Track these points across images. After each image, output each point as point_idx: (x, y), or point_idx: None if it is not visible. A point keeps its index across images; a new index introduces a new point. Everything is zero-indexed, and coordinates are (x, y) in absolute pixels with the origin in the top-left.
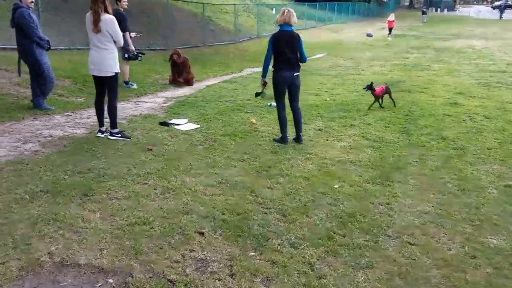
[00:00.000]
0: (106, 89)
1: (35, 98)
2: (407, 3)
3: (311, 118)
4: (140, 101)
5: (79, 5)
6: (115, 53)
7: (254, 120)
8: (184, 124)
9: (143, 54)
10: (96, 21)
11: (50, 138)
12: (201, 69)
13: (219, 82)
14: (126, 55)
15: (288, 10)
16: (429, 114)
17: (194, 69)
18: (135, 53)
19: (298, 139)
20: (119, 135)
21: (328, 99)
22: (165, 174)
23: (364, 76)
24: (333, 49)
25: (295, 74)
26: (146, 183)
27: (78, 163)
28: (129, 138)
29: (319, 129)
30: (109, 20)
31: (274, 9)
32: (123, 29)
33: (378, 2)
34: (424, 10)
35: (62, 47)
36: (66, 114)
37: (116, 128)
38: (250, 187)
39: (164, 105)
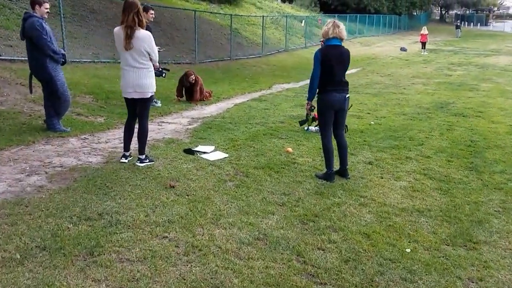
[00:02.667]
0: (139, 111)
1: (48, 118)
2: (437, 17)
3: (357, 147)
4: (163, 122)
5: (107, 16)
6: (153, 70)
7: (290, 149)
8: (211, 153)
9: (168, 70)
10: (130, 37)
11: (59, 169)
12: (228, 85)
13: (247, 101)
14: None
15: (338, 22)
16: (495, 146)
17: (221, 85)
18: (160, 69)
19: (344, 174)
20: (147, 161)
21: (372, 122)
22: (190, 223)
23: (407, 95)
24: (368, 64)
25: (346, 96)
26: (167, 237)
27: (88, 204)
28: (153, 162)
29: (369, 162)
30: (146, 36)
31: (303, 21)
32: None
33: (409, 15)
34: (458, 24)
35: (86, 60)
36: (82, 137)
37: (144, 153)
38: (296, 248)
39: (189, 127)
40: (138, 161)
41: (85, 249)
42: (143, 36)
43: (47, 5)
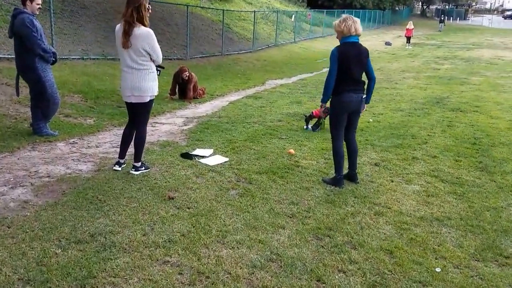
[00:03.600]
0: (137, 116)
1: (35, 122)
2: (418, 12)
3: (360, 146)
4: (157, 122)
5: (97, 12)
6: (155, 71)
7: (292, 151)
8: (210, 157)
9: (163, 67)
10: (128, 34)
11: (46, 179)
12: (221, 82)
13: (242, 98)
14: None
15: (353, 17)
16: (500, 143)
17: (214, 82)
18: (158, 68)
19: (353, 178)
20: (143, 168)
21: (371, 120)
22: (193, 243)
23: (401, 90)
24: None
25: (363, 97)
26: (168, 261)
27: (78, 223)
28: (149, 169)
29: (375, 164)
30: (146, 34)
31: (293, 16)
32: None
33: (392, 10)
34: (442, 18)
35: (75, 57)
36: (71, 141)
37: (140, 160)
38: (315, 271)
39: (185, 127)
40: (133, 169)
41: (75, 281)
42: (143, 33)
43: (39, 1)
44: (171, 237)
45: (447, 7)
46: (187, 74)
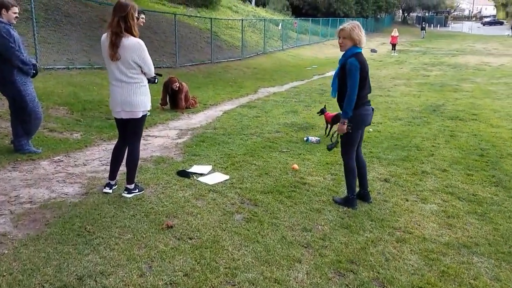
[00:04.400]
0: (129, 133)
1: (16, 139)
2: (400, 19)
3: (366, 160)
4: (149, 135)
5: (82, 20)
6: (146, 85)
7: (296, 166)
8: (208, 174)
9: (161, 75)
10: (116, 46)
11: (28, 206)
12: (213, 90)
13: (236, 107)
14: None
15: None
16: (508, 154)
17: (205, 90)
18: (154, 75)
19: (366, 198)
20: (137, 190)
21: (371, 130)
22: (199, 285)
23: (394, 98)
24: None
25: (372, 108)
26: None
27: (64, 262)
28: (143, 190)
29: (385, 179)
30: (135, 45)
31: (280, 24)
32: None
33: (375, 18)
34: (423, 26)
35: (60, 66)
36: (56, 159)
37: (133, 182)
38: None
39: (179, 141)
40: (126, 192)
41: None
42: (132, 44)
43: (15, 9)
44: (172, 278)
45: (427, 14)
46: (177, 85)
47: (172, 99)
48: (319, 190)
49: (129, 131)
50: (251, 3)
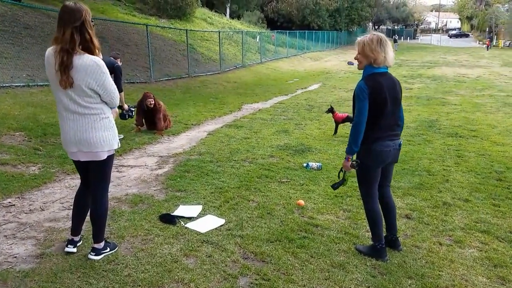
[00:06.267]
0: (92, 179)
1: None
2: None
3: None
4: (123, 165)
5: (44, 32)
6: (110, 116)
7: (302, 202)
8: (199, 218)
9: (134, 107)
10: (66, 67)
11: None
12: (193, 108)
13: (221, 127)
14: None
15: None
16: None
17: (185, 108)
18: (131, 108)
19: (395, 245)
20: (107, 249)
21: None
22: None
23: None
24: (326, 79)
25: (400, 143)
26: None
27: None
28: (116, 248)
29: (406, 216)
30: (90, 66)
31: (258, 37)
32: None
33: (348, 31)
34: (396, 38)
35: (19, 84)
36: (6, 202)
37: (102, 240)
38: None
39: (160, 171)
40: (93, 253)
41: None
42: (86, 65)
43: None
44: None
45: (396, 27)
46: (152, 101)
47: (149, 119)
48: (335, 234)
49: (92, 178)
50: (225, 15)
